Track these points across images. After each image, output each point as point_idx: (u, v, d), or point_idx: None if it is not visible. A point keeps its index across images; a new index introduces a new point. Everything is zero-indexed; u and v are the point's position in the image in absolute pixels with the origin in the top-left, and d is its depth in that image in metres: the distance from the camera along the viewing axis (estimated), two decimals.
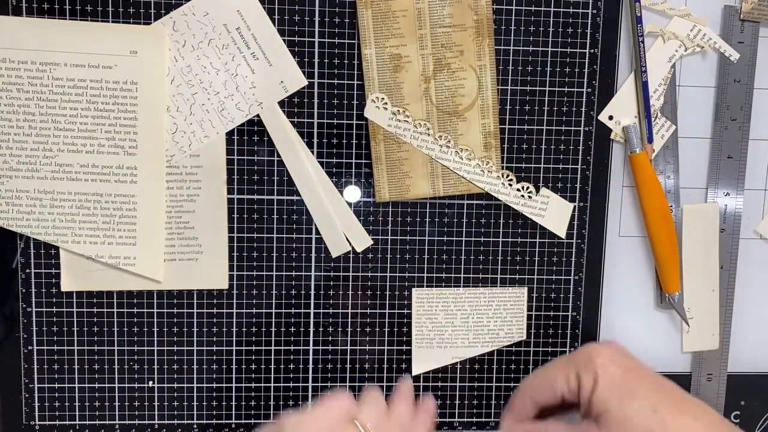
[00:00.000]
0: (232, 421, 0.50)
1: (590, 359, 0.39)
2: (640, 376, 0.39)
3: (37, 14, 0.45)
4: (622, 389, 0.38)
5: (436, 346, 0.50)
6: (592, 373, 0.39)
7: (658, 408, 0.37)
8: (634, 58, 0.48)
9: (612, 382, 0.38)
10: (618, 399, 0.38)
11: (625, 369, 0.39)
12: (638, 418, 0.37)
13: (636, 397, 0.37)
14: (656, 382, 0.38)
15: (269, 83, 0.46)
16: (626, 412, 0.37)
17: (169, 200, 0.47)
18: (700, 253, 0.51)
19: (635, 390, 0.38)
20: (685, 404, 0.37)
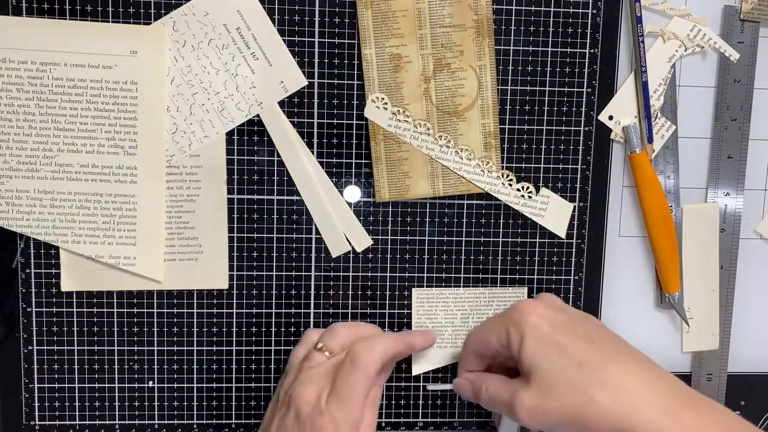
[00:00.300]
0: (232, 421, 0.50)
1: (520, 315, 0.40)
2: (569, 331, 0.39)
3: (37, 14, 0.45)
4: (549, 346, 0.39)
5: (436, 346, 0.50)
6: (521, 329, 0.40)
7: (584, 363, 0.37)
8: (634, 58, 0.48)
9: (539, 338, 0.39)
10: (545, 355, 0.38)
11: (553, 325, 0.39)
12: (564, 374, 0.37)
13: (562, 353, 0.38)
14: (585, 338, 0.39)
15: (269, 83, 0.46)
16: (552, 368, 0.38)
17: (169, 200, 0.47)
18: (700, 253, 0.51)
19: (561, 346, 0.38)
20: (611, 358, 0.38)
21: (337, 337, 0.42)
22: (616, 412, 0.36)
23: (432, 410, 0.51)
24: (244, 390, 0.50)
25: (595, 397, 0.36)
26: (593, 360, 0.38)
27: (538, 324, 0.39)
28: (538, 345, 0.39)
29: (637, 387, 0.37)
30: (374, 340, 0.41)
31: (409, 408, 0.51)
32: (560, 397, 0.37)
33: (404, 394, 0.51)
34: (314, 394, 0.39)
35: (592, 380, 0.37)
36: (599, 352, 0.38)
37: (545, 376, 0.38)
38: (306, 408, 0.38)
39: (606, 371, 0.37)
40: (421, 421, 0.51)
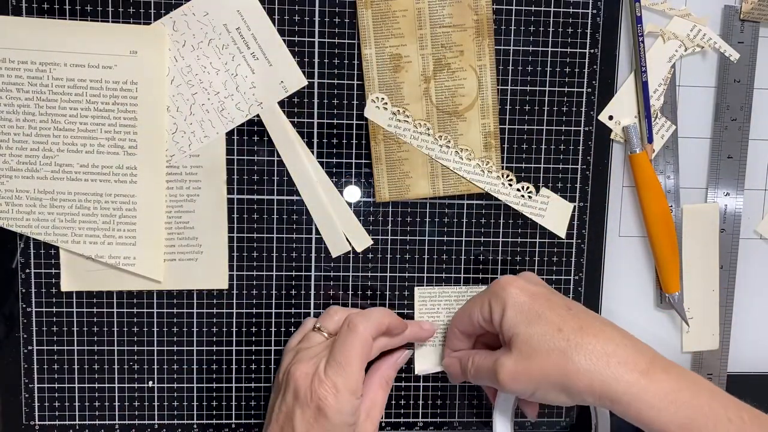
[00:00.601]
0: (232, 421, 0.50)
1: (501, 288, 0.42)
2: (548, 300, 0.41)
3: (37, 14, 0.45)
4: (529, 314, 0.40)
5: (438, 345, 0.50)
6: (502, 301, 0.41)
7: (563, 328, 0.39)
8: (634, 58, 0.48)
9: (519, 308, 0.41)
10: (525, 323, 0.40)
11: (532, 296, 0.41)
12: (544, 339, 0.39)
13: (541, 320, 0.40)
14: (563, 306, 0.41)
15: (269, 83, 0.46)
16: (532, 333, 0.40)
17: (169, 200, 0.47)
18: (700, 253, 0.51)
19: (541, 314, 0.40)
20: (588, 324, 0.39)
21: (335, 316, 0.44)
22: (594, 372, 0.37)
23: (432, 410, 0.51)
24: (244, 390, 0.50)
25: (574, 358, 0.38)
26: (571, 324, 0.39)
27: (518, 295, 0.41)
28: (518, 313, 0.41)
29: (615, 349, 0.38)
30: (370, 310, 0.43)
31: (409, 408, 0.51)
32: (541, 360, 0.39)
33: (404, 394, 0.51)
34: (312, 367, 0.40)
35: (571, 342, 0.38)
36: (577, 318, 0.40)
37: (526, 341, 0.40)
38: (304, 382, 0.40)
39: (584, 334, 0.39)
40: (421, 421, 0.51)
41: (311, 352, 0.42)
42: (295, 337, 0.45)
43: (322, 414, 0.39)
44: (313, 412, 0.39)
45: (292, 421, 0.40)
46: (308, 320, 0.46)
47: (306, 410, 0.39)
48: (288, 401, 0.40)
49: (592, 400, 0.38)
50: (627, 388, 0.37)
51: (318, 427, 0.39)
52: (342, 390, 0.39)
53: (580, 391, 0.38)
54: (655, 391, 0.37)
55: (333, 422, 0.39)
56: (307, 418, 0.39)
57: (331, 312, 0.45)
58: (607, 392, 0.37)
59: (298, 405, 0.40)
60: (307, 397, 0.39)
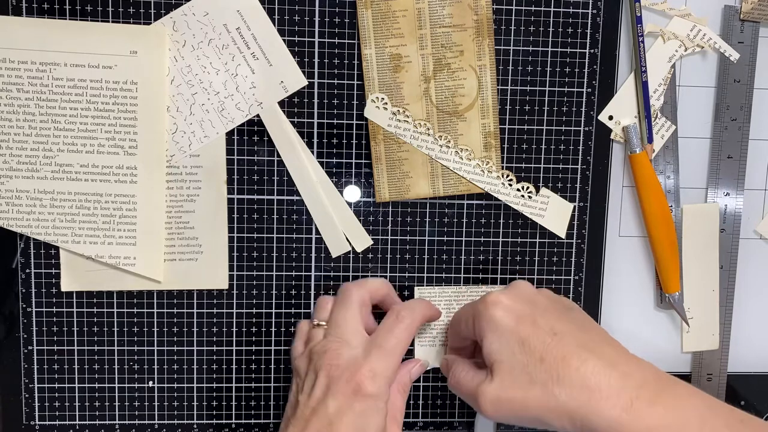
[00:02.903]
0: (232, 421, 0.50)
1: (486, 308, 0.41)
2: (533, 324, 0.39)
3: (37, 14, 0.45)
4: (512, 340, 0.39)
5: (438, 345, 0.50)
6: (485, 323, 0.40)
7: (545, 357, 0.38)
8: (634, 58, 0.48)
9: (501, 333, 0.40)
10: (507, 351, 0.39)
11: (517, 318, 0.40)
12: (526, 370, 0.38)
13: (524, 348, 0.39)
14: (548, 331, 0.39)
15: (269, 83, 0.46)
16: (514, 362, 0.39)
17: (169, 200, 0.47)
18: (700, 253, 0.51)
19: (524, 341, 0.39)
20: (571, 353, 0.38)
21: (328, 305, 0.44)
22: (575, 409, 0.36)
23: (432, 410, 0.51)
24: (244, 390, 0.50)
25: (555, 392, 0.37)
26: (554, 354, 0.38)
27: (502, 317, 0.40)
28: (501, 339, 0.39)
29: (597, 382, 0.37)
30: (414, 303, 0.44)
31: (409, 408, 0.51)
32: (521, 391, 0.38)
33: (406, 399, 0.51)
34: (340, 358, 0.40)
35: (552, 375, 0.37)
36: (561, 346, 0.38)
37: (507, 370, 0.39)
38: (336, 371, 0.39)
39: (566, 366, 0.37)
40: (421, 421, 0.51)
41: (330, 341, 0.41)
42: (298, 344, 0.44)
43: (360, 394, 0.38)
44: (349, 395, 0.38)
45: (325, 409, 0.38)
46: (302, 324, 0.45)
47: (339, 397, 0.38)
48: (316, 396, 0.39)
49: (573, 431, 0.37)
50: (608, 425, 0.36)
51: (356, 406, 0.38)
52: (380, 375, 0.39)
53: (562, 425, 0.37)
54: (638, 427, 0.35)
55: (369, 403, 0.39)
56: (341, 402, 0.38)
57: (323, 303, 0.44)
58: (590, 426, 0.36)
59: (331, 394, 0.39)
60: (341, 382, 0.39)
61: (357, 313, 0.42)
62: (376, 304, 0.45)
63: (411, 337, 0.42)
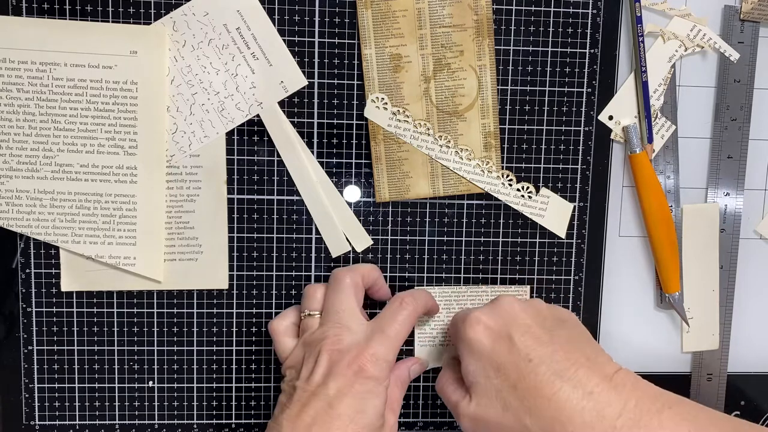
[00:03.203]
0: (232, 421, 0.50)
1: (466, 329, 0.40)
2: (509, 347, 0.39)
3: (37, 14, 0.45)
4: (488, 364, 0.39)
5: (438, 345, 0.50)
6: (463, 344, 0.40)
7: (518, 386, 0.38)
8: (634, 58, 0.48)
9: (478, 356, 0.39)
10: (483, 374, 0.39)
11: (494, 339, 0.39)
12: (500, 395, 0.38)
13: (500, 373, 0.38)
14: (524, 357, 0.38)
15: (269, 83, 0.46)
16: (489, 387, 0.39)
17: (169, 200, 0.47)
18: (700, 253, 0.51)
19: (499, 366, 0.39)
20: (544, 383, 0.37)
21: (317, 294, 0.44)
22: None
23: (432, 410, 0.51)
24: (244, 390, 0.50)
25: (526, 422, 0.37)
26: (527, 383, 0.37)
27: (480, 340, 0.40)
28: (478, 363, 0.39)
29: (569, 416, 0.36)
30: (416, 292, 0.44)
31: (408, 408, 0.51)
32: (496, 415, 0.38)
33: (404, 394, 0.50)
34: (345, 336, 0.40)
35: (525, 403, 0.37)
36: (535, 374, 0.37)
37: (483, 393, 0.39)
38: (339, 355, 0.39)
39: (538, 396, 0.37)
40: (421, 421, 0.51)
41: (328, 327, 0.41)
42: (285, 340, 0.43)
43: (362, 377, 0.39)
44: (351, 377, 0.39)
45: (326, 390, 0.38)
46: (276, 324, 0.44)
47: (340, 379, 0.39)
48: (316, 380, 0.39)
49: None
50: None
51: (357, 388, 0.39)
52: (381, 359, 0.40)
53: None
54: None
55: (369, 386, 0.39)
56: (342, 384, 0.38)
57: (312, 292, 0.44)
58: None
59: (332, 377, 0.39)
60: (342, 365, 0.39)
61: (353, 297, 0.42)
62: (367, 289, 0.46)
63: (412, 325, 0.42)
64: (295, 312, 0.45)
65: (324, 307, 0.43)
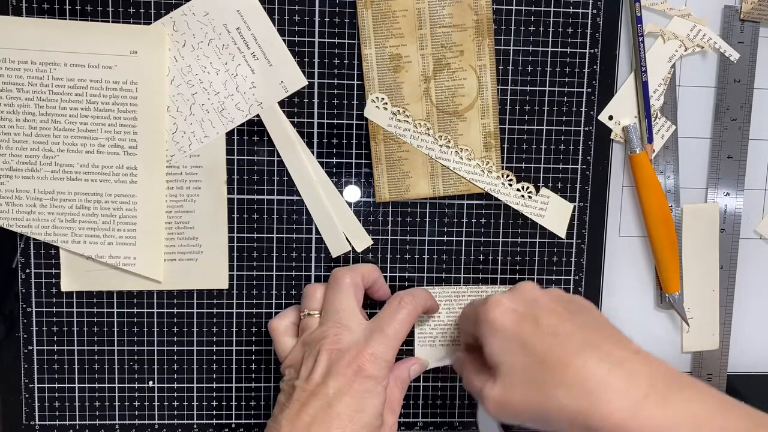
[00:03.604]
0: (232, 421, 0.50)
1: (487, 311, 0.40)
2: (534, 325, 0.38)
3: (37, 14, 0.45)
4: (512, 343, 0.38)
5: (438, 345, 0.50)
6: (485, 327, 0.40)
7: (545, 359, 0.37)
8: (634, 58, 0.48)
9: (502, 336, 0.39)
10: (508, 352, 0.38)
11: (517, 320, 0.39)
12: (526, 372, 0.37)
13: (525, 350, 0.38)
14: (550, 332, 0.38)
15: (269, 83, 0.46)
16: (515, 364, 0.38)
17: (169, 200, 0.47)
18: (700, 253, 0.51)
19: (525, 342, 0.38)
20: (573, 354, 0.36)
21: (317, 293, 0.43)
22: (575, 410, 0.35)
23: (432, 410, 0.51)
24: (244, 390, 0.50)
25: (556, 394, 0.36)
26: (555, 355, 0.37)
27: (503, 320, 0.39)
28: (502, 342, 0.39)
29: (598, 385, 0.35)
30: (416, 291, 0.44)
31: (409, 408, 0.51)
32: (523, 393, 0.37)
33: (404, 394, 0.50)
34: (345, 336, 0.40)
35: (553, 377, 0.36)
36: (562, 346, 0.37)
37: (509, 372, 0.38)
38: (338, 355, 0.39)
39: (566, 368, 0.36)
40: (421, 421, 0.51)
41: (327, 327, 0.41)
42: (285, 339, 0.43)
43: (361, 376, 0.39)
44: (350, 376, 0.39)
45: (325, 390, 0.38)
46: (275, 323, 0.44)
47: (340, 378, 0.39)
48: (315, 380, 0.39)
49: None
50: (612, 428, 0.34)
51: (356, 387, 0.39)
52: (380, 358, 0.40)
53: (563, 426, 0.36)
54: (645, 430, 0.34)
55: (368, 385, 0.39)
56: (342, 383, 0.38)
57: (311, 292, 0.44)
58: (593, 430, 0.35)
59: (332, 376, 0.39)
60: (341, 365, 0.39)
61: (352, 297, 0.42)
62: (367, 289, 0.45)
63: (411, 324, 0.42)
64: (295, 311, 0.44)
65: (324, 306, 0.43)
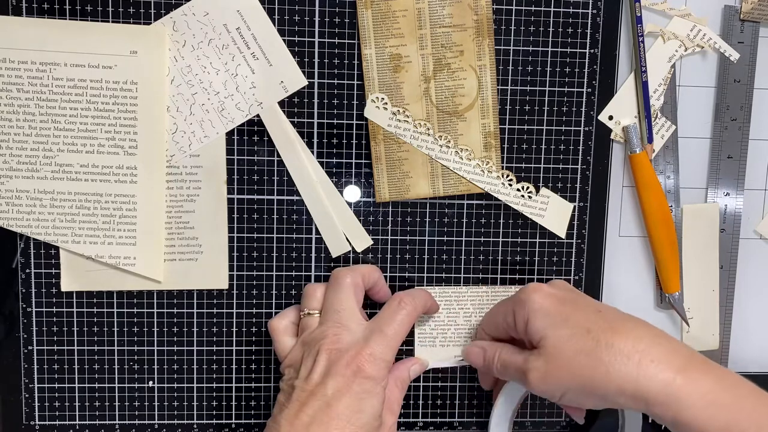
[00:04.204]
0: (232, 421, 0.50)
1: (526, 296, 0.41)
2: (574, 303, 0.40)
3: (37, 14, 0.45)
4: (556, 317, 0.40)
5: (438, 345, 0.50)
6: (526, 309, 0.41)
7: (591, 329, 0.38)
8: (634, 58, 0.48)
9: (544, 312, 0.40)
10: (552, 326, 0.39)
11: (558, 301, 0.41)
12: (572, 340, 0.38)
13: (569, 322, 0.39)
14: (592, 309, 0.40)
15: (269, 83, 0.46)
16: (560, 335, 0.39)
17: (169, 200, 0.47)
18: (700, 253, 0.51)
19: (568, 316, 0.39)
20: (618, 325, 0.38)
21: (317, 293, 0.43)
22: (625, 373, 0.36)
23: (432, 410, 0.51)
24: (244, 390, 0.50)
25: (604, 358, 0.37)
26: (600, 325, 0.38)
27: (543, 301, 0.41)
28: (544, 317, 0.40)
29: (647, 347, 0.36)
30: (416, 291, 0.44)
31: (409, 408, 0.51)
32: (569, 362, 0.38)
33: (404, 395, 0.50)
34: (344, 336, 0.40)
35: (600, 343, 0.37)
36: (606, 319, 0.39)
37: (554, 344, 0.39)
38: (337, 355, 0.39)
39: (614, 334, 0.37)
40: (421, 421, 0.51)
41: (327, 327, 0.41)
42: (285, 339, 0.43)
43: (360, 376, 0.39)
44: (349, 377, 0.39)
45: (324, 390, 0.38)
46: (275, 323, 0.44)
47: (338, 378, 0.39)
48: (314, 380, 0.39)
49: (624, 401, 0.36)
50: (662, 388, 0.35)
51: (355, 388, 0.39)
52: (379, 358, 0.40)
53: (612, 392, 0.36)
54: (692, 390, 0.35)
55: (367, 385, 0.39)
56: (340, 384, 0.38)
57: (311, 291, 0.43)
58: (641, 393, 0.35)
59: (331, 376, 0.39)
60: (341, 365, 0.39)
61: (353, 297, 0.42)
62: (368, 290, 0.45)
63: (411, 324, 0.42)
64: (295, 311, 0.44)
65: (323, 306, 0.43)
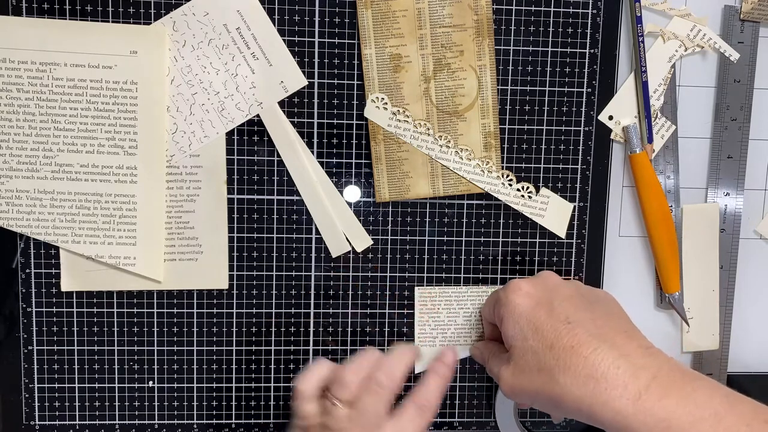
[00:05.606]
0: (232, 421, 0.50)
1: (506, 294, 0.42)
2: (549, 311, 0.40)
3: (37, 14, 0.45)
4: (526, 327, 0.40)
5: (438, 345, 0.50)
6: (504, 307, 0.41)
7: (554, 345, 0.38)
8: (634, 58, 0.48)
9: (517, 319, 0.40)
10: (521, 337, 0.40)
11: (534, 305, 0.40)
12: (536, 356, 0.38)
13: (537, 334, 0.39)
14: (562, 319, 0.39)
15: (269, 83, 0.46)
16: (526, 348, 0.39)
17: (169, 200, 0.47)
18: (700, 253, 0.51)
19: (537, 327, 0.39)
20: (582, 342, 0.37)
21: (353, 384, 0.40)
22: (580, 397, 0.36)
23: None
24: (244, 390, 0.50)
25: (560, 380, 0.37)
26: (564, 341, 0.38)
27: (520, 303, 0.41)
28: (517, 325, 0.40)
29: (604, 372, 0.36)
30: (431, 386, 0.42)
31: None
32: (531, 377, 0.38)
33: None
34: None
35: (560, 362, 0.37)
36: (572, 334, 0.38)
37: (521, 355, 0.39)
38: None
39: (574, 354, 0.37)
40: None
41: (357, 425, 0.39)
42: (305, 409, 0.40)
43: None
44: None
45: None
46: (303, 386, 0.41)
47: None
48: None
49: (584, 420, 0.37)
50: (614, 416, 0.35)
51: None
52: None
53: (569, 411, 0.37)
54: (645, 419, 0.34)
55: None
56: None
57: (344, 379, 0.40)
58: (595, 417, 0.36)
59: None
60: None
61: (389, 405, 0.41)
62: None
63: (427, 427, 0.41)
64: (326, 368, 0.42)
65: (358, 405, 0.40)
